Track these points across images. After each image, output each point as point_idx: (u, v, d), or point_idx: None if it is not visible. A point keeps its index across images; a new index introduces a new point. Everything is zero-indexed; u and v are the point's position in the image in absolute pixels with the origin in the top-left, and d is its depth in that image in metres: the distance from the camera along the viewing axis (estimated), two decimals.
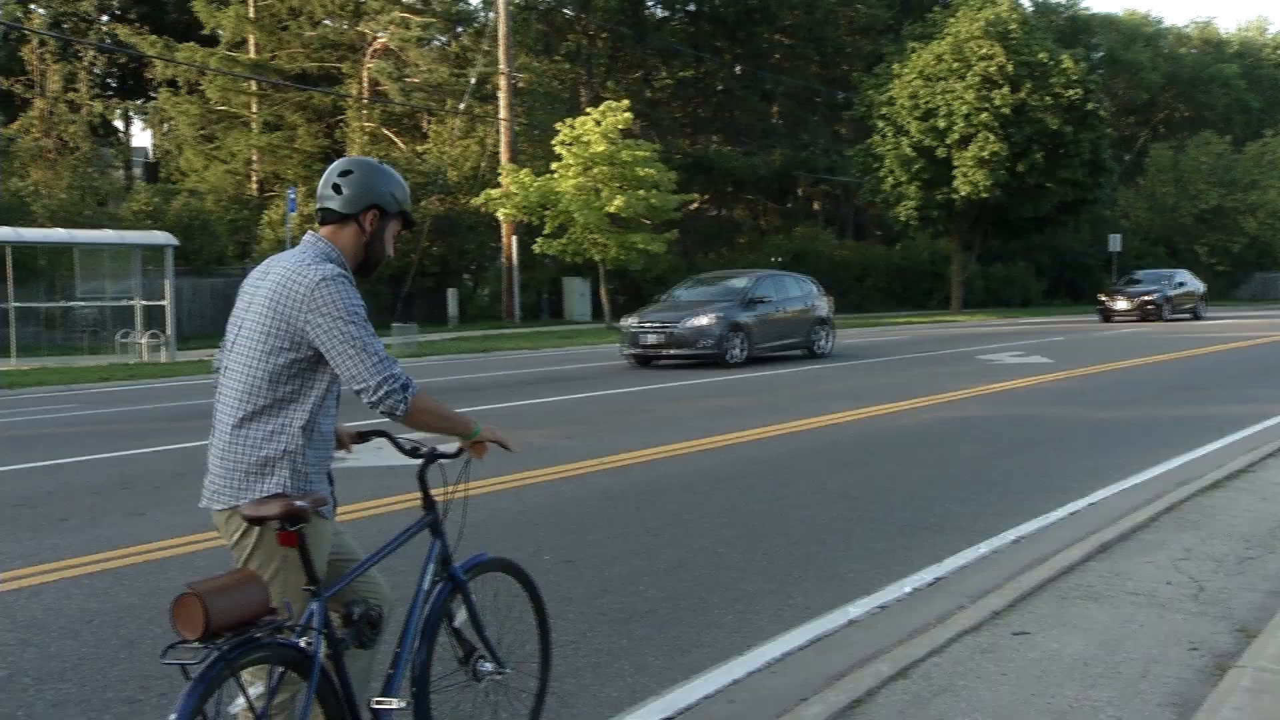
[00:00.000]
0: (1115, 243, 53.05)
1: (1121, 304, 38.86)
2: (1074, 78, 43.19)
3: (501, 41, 38.34)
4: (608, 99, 35.68)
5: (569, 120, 33.36)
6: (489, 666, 4.04)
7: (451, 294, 37.95)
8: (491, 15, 41.70)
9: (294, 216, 28.17)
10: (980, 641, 5.27)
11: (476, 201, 34.26)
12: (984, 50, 42.36)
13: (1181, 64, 73.32)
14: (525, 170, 33.37)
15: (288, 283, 3.32)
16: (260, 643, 2.93)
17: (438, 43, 46.11)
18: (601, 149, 31.67)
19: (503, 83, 38.45)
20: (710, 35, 52.39)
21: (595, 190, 32.02)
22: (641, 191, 32.11)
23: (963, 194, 43.07)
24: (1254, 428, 12.31)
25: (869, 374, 18.86)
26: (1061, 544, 7.13)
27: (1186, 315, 39.56)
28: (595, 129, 31.95)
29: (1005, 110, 41.82)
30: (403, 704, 3.57)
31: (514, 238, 37.91)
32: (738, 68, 50.81)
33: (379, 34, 44.13)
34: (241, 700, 2.98)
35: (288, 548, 3.17)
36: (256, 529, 3.23)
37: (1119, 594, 5.99)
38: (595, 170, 32.03)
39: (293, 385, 3.36)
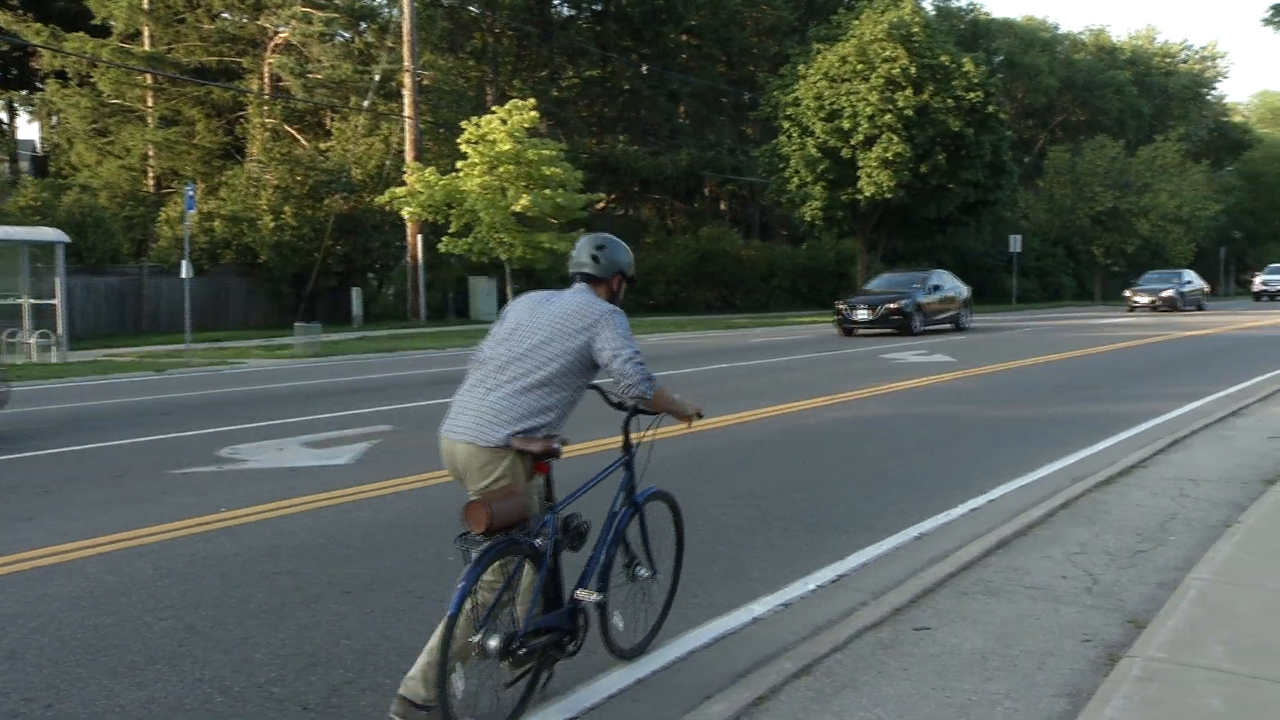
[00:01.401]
0: (1015, 243, 54.19)
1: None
2: (975, 81, 43.92)
3: (406, 38, 37.95)
4: (514, 98, 35.52)
5: (474, 119, 33.15)
6: (644, 571, 5.25)
7: (356, 293, 37.46)
8: (396, 11, 41.22)
9: (193, 215, 27.48)
10: (882, 637, 5.34)
11: (381, 200, 33.87)
12: (887, 52, 42.90)
13: (1077, 69, 75.10)
14: (430, 169, 33.07)
15: (585, 308, 4.68)
16: (516, 541, 4.31)
17: (341, 38, 45.48)
18: (507, 148, 31.50)
19: (407, 80, 38.06)
20: (616, 35, 52.38)
21: (501, 189, 31.85)
22: (547, 191, 32.01)
23: (867, 194, 43.58)
24: (1144, 425, 12.64)
25: (774, 373, 18.99)
26: (962, 540, 7.25)
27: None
28: (501, 128, 31.79)
29: (908, 112, 42.40)
30: (598, 598, 4.81)
31: (419, 237, 37.58)
32: (644, 67, 50.84)
33: (280, 29, 43.45)
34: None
35: (540, 474, 4.67)
36: (507, 460, 4.44)
37: (1017, 589, 6.10)
38: (501, 169, 31.85)
39: (573, 373, 4.64)
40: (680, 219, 57.33)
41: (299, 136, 43.87)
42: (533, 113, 32.31)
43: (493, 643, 4.19)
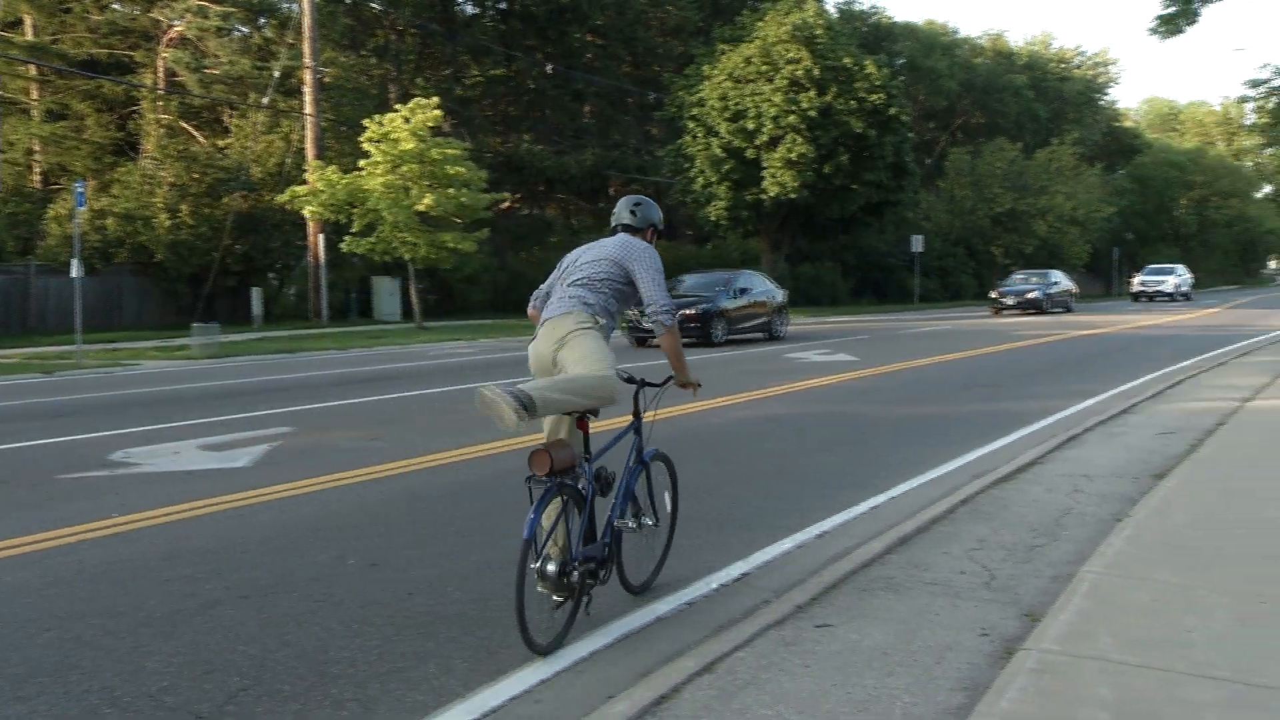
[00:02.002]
0: (917, 243, 55.04)
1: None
2: (877, 83, 44.53)
3: (306, 34, 37.41)
4: (417, 96, 35.14)
5: (377, 117, 32.74)
6: (649, 521, 6.14)
7: (256, 293, 36.79)
8: (296, 7, 40.52)
9: (83, 212, 26.61)
10: (784, 635, 5.36)
11: (281, 199, 33.28)
12: (791, 54, 43.30)
13: (976, 73, 76.47)
14: (332, 167, 32.60)
15: (628, 243, 5.94)
16: (566, 484, 5.32)
17: (238, 33, 44.60)
18: (410, 147, 31.17)
19: (308, 77, 37.52)
20: (521, 34, 52.08)
21: (404, 188, 31.51)
22: (452, 190, 31.74)
23: (771, 195, 43.95)
24: (1041, 422, 12.91)
25: None
26: (863, 538, 7.32)
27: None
28: (404, 126, 31.45)
29: (812, 113, 42.84)
30: (634, 524, 5.99)
31: (321, 236, 37.06)
32: (549, 67, 50.53)
33: (175, 22, 42.46)
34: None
35: (580, 431, 5.84)
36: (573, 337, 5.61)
37: (917, 584, 6.18)
38: (404, 168, 31.51)
39: (615, 284, 5.82)
40: (585, 219, 57.24)
41: (195, 133, 42.98)
42: (436, 111, 32.02)
43: (551, 567, 5.21)
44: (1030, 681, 4.62)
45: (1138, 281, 63.06)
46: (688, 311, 25.44)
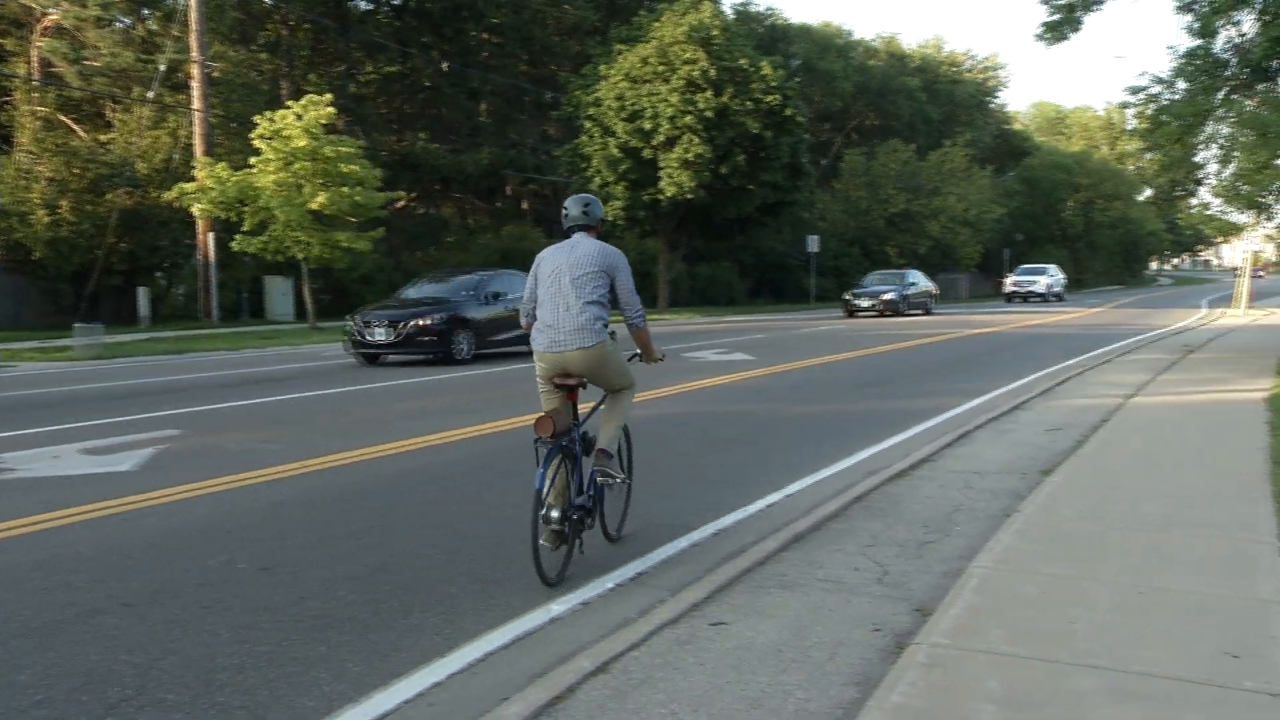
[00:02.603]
0: (813, 243, 55.66)
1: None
2: (773, 84, 44.92)
3: (193, 27, 36.56)
4: (310, 92, 34.53)
5: (268, 113, 32.12)
6: (624, 477, 7.22)
7: (143, 293, 35.81)
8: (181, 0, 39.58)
9: None
10: (679, 633, 5.37)
11: (169, 196, 32.43)
12: (688, 55, 43.48)
13: (871, 75, 77.48)
14: (222, 164, 31.87)
15: (607, 250, 6.83)
16: (564, 445, 6.42)
17: (120, 24, 43.32)
18: (303, 144, 30.63)
19: (195, 71, 36.68)
20: (416, 30, 51.48)
21: (297, 186, 30.95)
22: (345, 189, 31.26)
23: (668, 195, 44.10)
24: (933, 420, 13.14)
25: None
26: (759, 535, 7.37)
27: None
28: (296, 123, 30.89)
29: (709, 113, 43.06)
30: (621, 478, 6.96)
31: (211, 234, 36.26)
32: (445, 64, 50.07)
33: (49, 10, 41.07)
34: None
35: (571, 401, 6.74)
36: (594, 368, 6.71)
37: (811, 581, 6.23)
38: (297, 166, 30.94)
39: (604, 293, 6.75)
40: (482, 218, 56.84)
41: (75, 127, 41.67)
42: (329, 108, 31.54)
43: (554, 514, 6.34)
44: (920, 675, 4.69)
45: (1010, 282, 62.88)
46: (421, 322, 20.61)
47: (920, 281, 47.03)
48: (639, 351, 7.41)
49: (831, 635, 5.35)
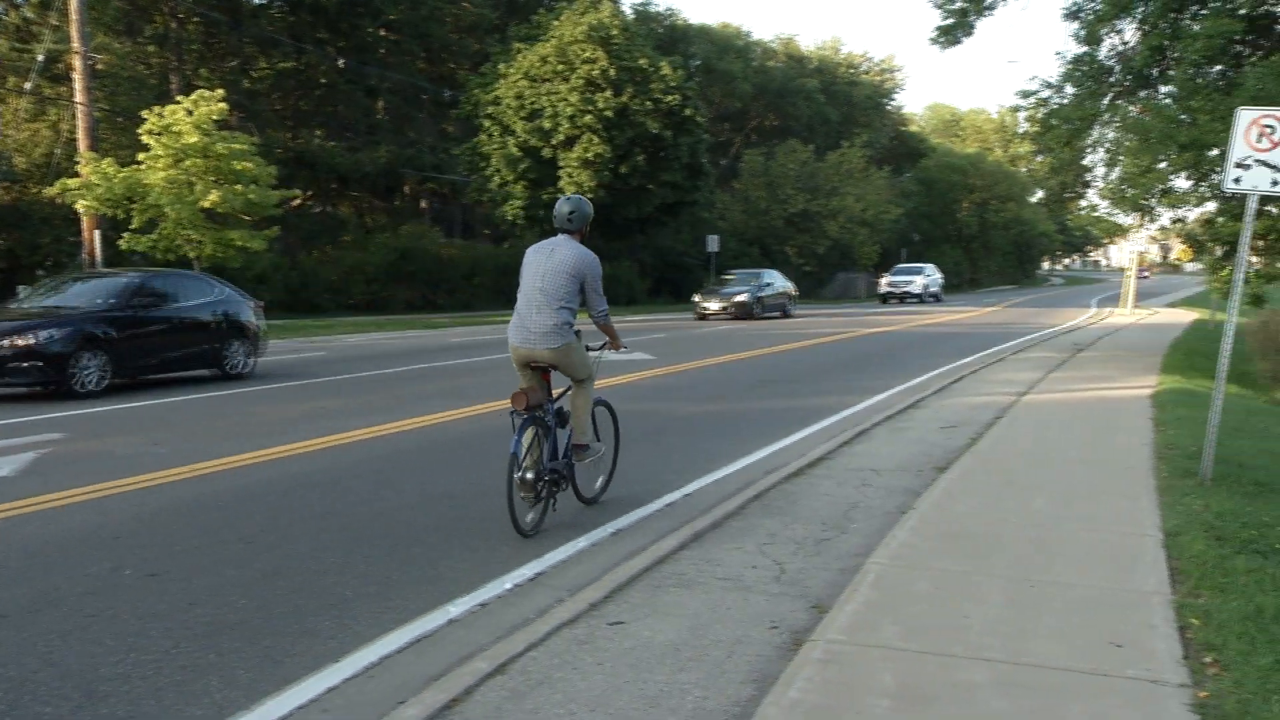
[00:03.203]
0: (713, 243, 55.90)
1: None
2: (673, 84, 45.08)
3: (74, 17, 35.35)
4: (201, 87, 33.75)
5: (157, 108, 31.32)
6: (599, 445, 8.34)
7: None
8: None
9: None
10: (577, 633, 5.36)
11: (51, 192, 31.41)
12: (587, 54, 43.45)
13: (770, 76, 78.10)
14: (108, 160, 30.96)
15: (582, 255, 7.62)
16: (537, 417, 7.38)
17: None
18: (194, 140, 29.90)
19: (77, 63, 35.53)
20: (311, 26, 50.53)
21: (188, 184, 30.19)
22: (239, 186, 30.60)
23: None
24: (832, 418, 13.28)
25: (473, 372, 18.87)
26: (658, 534, 7.38)
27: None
28: (187, 119, 30.17)
29: (608, 113, 43.08)
30: (598, 446, 8.31)
31: (97, 232, 35.25)
32: (341, 61, 49.26)
33: None
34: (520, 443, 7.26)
35: (545, 381, 7.77)
36: (558, 358, 7.62)
37: (709, 580, 6.25)
38: (188, 162, 30.18)
39: (575, 299, 7.59)
40: (380, 217, 56.10)
41: None
42: (221, 104, 30.85)
43: (529, 475, 7.36)
44: (817, 671, 4.73)
45: (885, 282, 60.58)
46: (21, 341, 14.85)
47: (776, 282, 42.93)
48: (607, 341, 8.46)
49: (729, 633, 5.37)
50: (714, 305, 39.17)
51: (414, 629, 5.63)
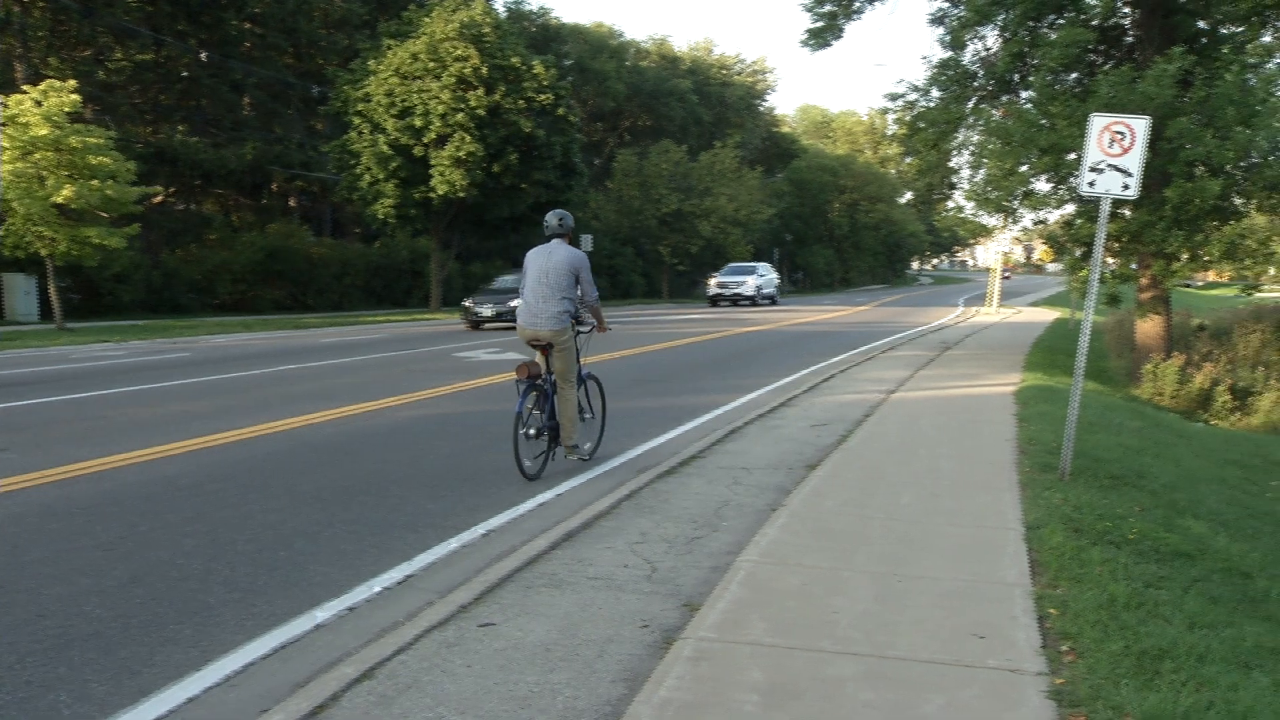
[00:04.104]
0: (587, 243, 55.78)
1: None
2: (545, 83, 44.90)
3: None
4: (51, 77, 32.62)
5: (3, 98, 30.21)
6: (588, 415, 10.15)
7: None
8: None
9: None
10: (447, 636, 5.29)
11: None
12: (459, 52, 43.02)
13: (643, 76, 78.36)
14: None
15: (574, 255, 9.40)
16: (537, 384, 9.32)
17: None
18: (44, 133, 28.82)
19: None
20: (171, 17, 48.75)
21: (38, 178, 29.11)
22: (95, 182, 29.60)
23: (440, 193, 43.54)
24: (705, 416, 13.37)
25: (344, 373, 18.56)
26: (530, 535, 7.34)
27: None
28: (35, 110, 29.13)
29: (480, 112, 42.73)
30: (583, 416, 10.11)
31: None
32: (203, 54, 47.90)
33: None
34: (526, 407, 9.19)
35: (544, 356, 9.49)
36: (555, 339, 9.35)
37: (580, 579, 6.23)
38: (37, 156, 29.09)
39: (572, 286, 9.36)
40: (247, 215, 54.82)
41: None
42: (74, 95, 29.82)
43: (531, 431, 9.27)
44: (687, 669, 4.74)
45: (714, 283, 55.10)
46: None
47: None
48: (594, 325, 9.99)
49: (601, 633, 5.35)
50: (487, 311, 32.24)
51: (279, 635, 5.51)
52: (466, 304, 33.75)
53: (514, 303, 33.33)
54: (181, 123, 51.24)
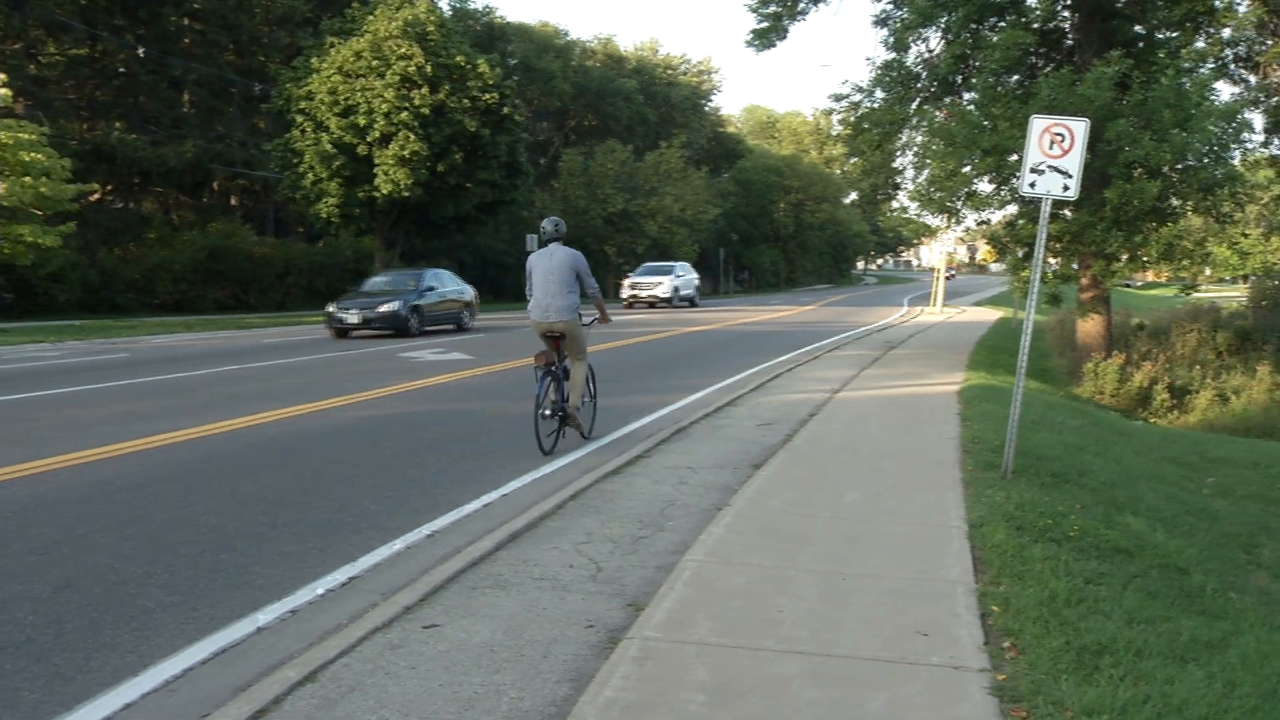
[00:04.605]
0: (532, 243, 55.66)
1: None
2: (490, 82, 44.77)
3: None
4: None
5: None
6: (587, 398, 11.48)
7: None
8: None
9: None
10: (391, 638, 5.25)
11: None
12: (403, 50, 42.79)
13: (589, 76, 78.30)
14: None
15: (572, 254, 10.80)
16: (551, 370, 10.67)
17: None
18: None
19: None
20: (107, 12, 47.82)
21: None
22: (28, 179, 29.16)
23: (384, 192, 43.29)
24: (652, 416, 13.38)
25: (288, 374, 18.39)
26: (474, 536, 7.29)
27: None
28: None
29: (425, 111, 42.54)
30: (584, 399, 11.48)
31: None
32: (140, 50, 47.01)
33: None
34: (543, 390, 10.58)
35: (556, 348, 10.89)
36: (568, 329, 10.79)
37: (526, 580, 6.20)
38: None
39: (575, 281, 10.76)
40: (187, 214, 54.09)
41: None
42: (4, 90, 29.38)
43: (547, 411, 10.47)
44: (633, 669, 4.73)
45: (628, 284, 50.90)
46: None
47: (446, 285, 32.87)
48: (597, 316, 11.63)
49: (545, 633, 5.33)
50: (353, 318, 28.55)
51: (220, 639, 5.43)
52: (331, 309, 29.15)
53: (385, 307, 28.72)
54: (119, 119, 50.40)
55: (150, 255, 43.98)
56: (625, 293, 51.10)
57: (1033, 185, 9.39)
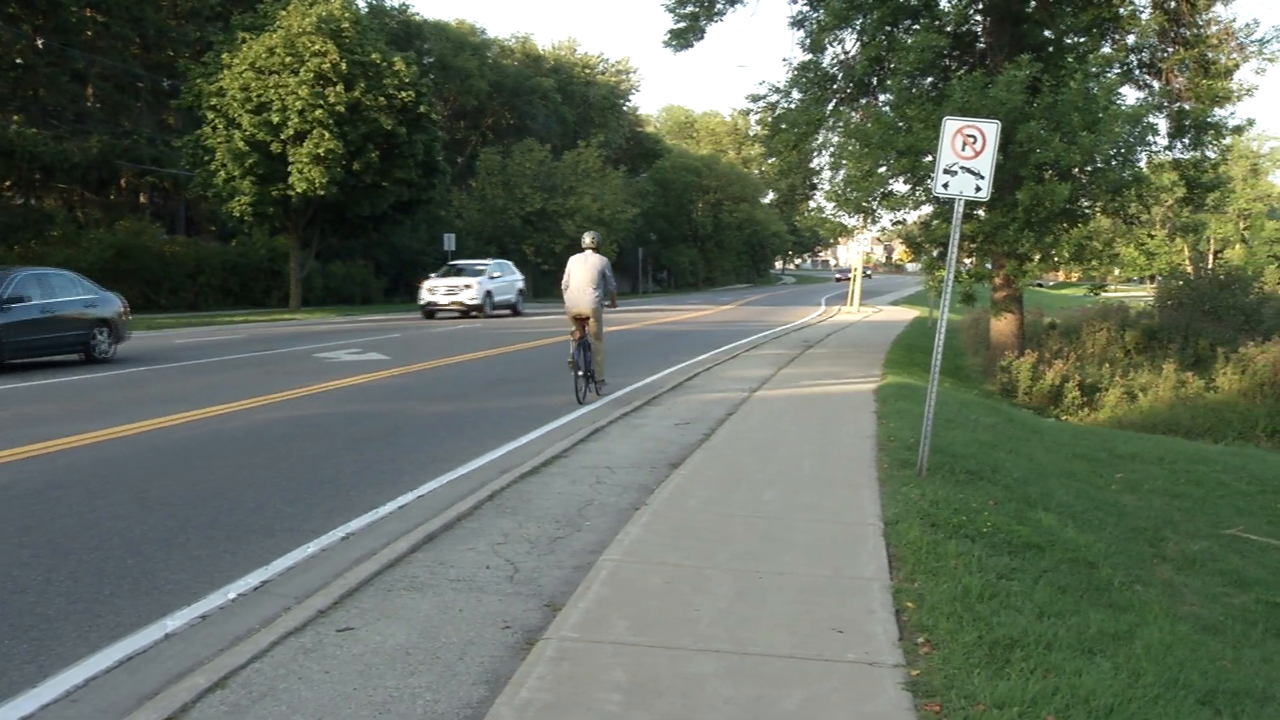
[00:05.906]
0: (450, 241, 55.40)
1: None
2: (406, 80, 44.34)
3: None
4: None
5: None
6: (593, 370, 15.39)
7: None
8: None
9: None
10: (304, 642, 5.17)
11: None
12: (317, 46, 42.22)
13: (506, 74, 77.94)
14: None
15: (602, 261, 15.13)
16: (583, 341, 14.87)
17: None
18: None
19: None
20: (2, 1, 46.63)
21: None
22: None
23: (299, 190, 42.68)
24: (570, 415, 13.38)
25: (198, 375, 18.05)
26: (390, 538, 7.22)
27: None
28: None
29: (340, 108, 42.01)
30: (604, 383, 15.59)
31: None
32: (39, 41, 45.70)
33: None
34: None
35: (582, 325, 14.93)
36: (593, 313, 15.00)
37: (442, 582, 6.14)
38: None
39: (604, 284, 15.13)
40: (93, 211, 52.77)
41: None
42: None
43: (580, 371, 14.66)
44: (549, 670, 4.70)
45: (426, 288, 40.51)
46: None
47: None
48: (609, 302, 15.22)
49: (462, 635, 5.28)
50: None
51: (126, 646, 5.31)
52: None
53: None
54: (17, 113, 49.02)
55: (54, 254, 42.86)
56: (423, 297, 40.16)
57: (946, 186, 9.50)
